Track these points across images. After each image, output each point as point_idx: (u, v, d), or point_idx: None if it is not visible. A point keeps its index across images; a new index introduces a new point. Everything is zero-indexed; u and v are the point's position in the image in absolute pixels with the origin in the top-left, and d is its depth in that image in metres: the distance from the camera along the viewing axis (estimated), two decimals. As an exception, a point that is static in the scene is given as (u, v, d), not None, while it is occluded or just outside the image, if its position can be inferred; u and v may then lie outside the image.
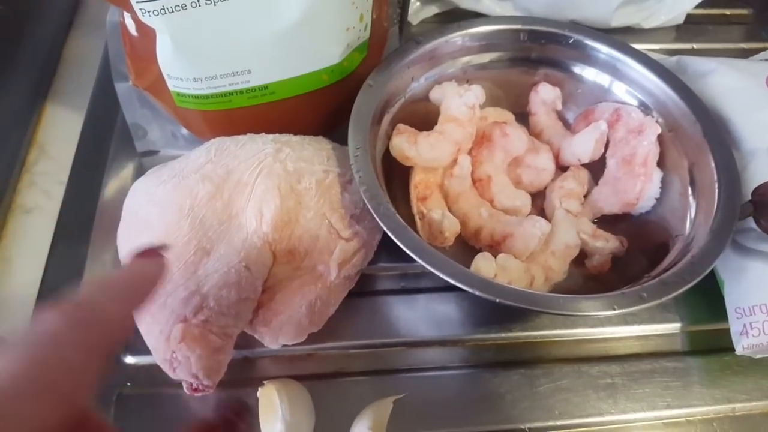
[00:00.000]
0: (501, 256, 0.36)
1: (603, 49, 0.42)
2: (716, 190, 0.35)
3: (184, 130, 0.43)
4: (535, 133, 0.44)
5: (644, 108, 0.41)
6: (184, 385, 0.32)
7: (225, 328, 0.32)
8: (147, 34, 0.34)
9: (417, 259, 0.31)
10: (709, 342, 0.38)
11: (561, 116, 0.45)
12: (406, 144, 0.39)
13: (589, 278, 0.39)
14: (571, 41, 0.42)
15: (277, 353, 0.36)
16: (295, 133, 0.39)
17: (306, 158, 0.36)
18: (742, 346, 0.34)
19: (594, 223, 0.40)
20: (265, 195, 0.34)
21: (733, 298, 0.36)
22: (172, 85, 0.36)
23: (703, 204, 0.36)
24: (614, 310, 0.30)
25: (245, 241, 0.33)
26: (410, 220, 0.38)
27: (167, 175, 0.35)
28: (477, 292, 0.30)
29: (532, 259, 0.37)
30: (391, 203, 0.35)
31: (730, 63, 0.42)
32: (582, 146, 0.41)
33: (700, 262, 0.32)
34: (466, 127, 0.40)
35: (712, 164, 0.36)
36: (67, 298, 0.17)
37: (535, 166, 0.42)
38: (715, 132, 0.37)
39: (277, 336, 0.34)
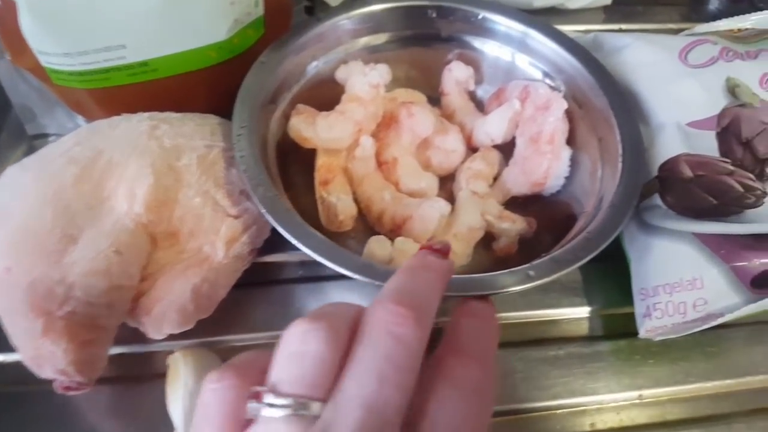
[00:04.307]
0: (399, 239, 0.34)
1: (512, 25, 0.40)
2: (619, 165, 0.34)
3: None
4: (447, 114, 0.42)
5: (553, 83, 0.39)
6: (54, 384, 0.30)
7: (96, 319, 0.30)
8: (9, 5, 0.32)
9: (296, 243, 0.30)
10: (618, 326, 0.36)
11: (474, 97, 0.43)
12: (304, 124, 0.37)
13: (497, 261, 0.37)
14: (479, 17, 0.40)
15: (172, 347, 0.34)
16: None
17: (186, 134, 0.33)
18: (645, 329, 0.32)
19: (505, 205, 0.38)
20: (137, 174, 0.31)
21: (638, 278, 0.34)
22: (44, 61, 0.33)
23: (608, 180, 0.35)
24: (503, 289, 0.28)
25: (116, 224, 0.31)
26: (315, 208, 0.37)
27: (32, 161, 0.32)
28: (357, 276, 0.29)
29: (433, 242, 0.35)
30: (285, 189, 0.33)
31: (646, 38, 0.41)
32: (495, 126, 0.39)
33: (595, 238, 0.30)
34: (368, 106, 0.38)
35: (618, 138, 0.35)
36: None
37: (444, 148, 0.40)
38: (622, 105, 0.36)
39: (160, 324, 0.31)
